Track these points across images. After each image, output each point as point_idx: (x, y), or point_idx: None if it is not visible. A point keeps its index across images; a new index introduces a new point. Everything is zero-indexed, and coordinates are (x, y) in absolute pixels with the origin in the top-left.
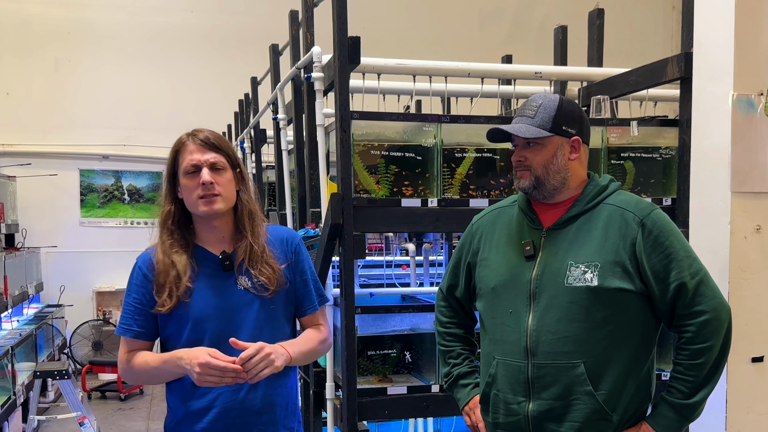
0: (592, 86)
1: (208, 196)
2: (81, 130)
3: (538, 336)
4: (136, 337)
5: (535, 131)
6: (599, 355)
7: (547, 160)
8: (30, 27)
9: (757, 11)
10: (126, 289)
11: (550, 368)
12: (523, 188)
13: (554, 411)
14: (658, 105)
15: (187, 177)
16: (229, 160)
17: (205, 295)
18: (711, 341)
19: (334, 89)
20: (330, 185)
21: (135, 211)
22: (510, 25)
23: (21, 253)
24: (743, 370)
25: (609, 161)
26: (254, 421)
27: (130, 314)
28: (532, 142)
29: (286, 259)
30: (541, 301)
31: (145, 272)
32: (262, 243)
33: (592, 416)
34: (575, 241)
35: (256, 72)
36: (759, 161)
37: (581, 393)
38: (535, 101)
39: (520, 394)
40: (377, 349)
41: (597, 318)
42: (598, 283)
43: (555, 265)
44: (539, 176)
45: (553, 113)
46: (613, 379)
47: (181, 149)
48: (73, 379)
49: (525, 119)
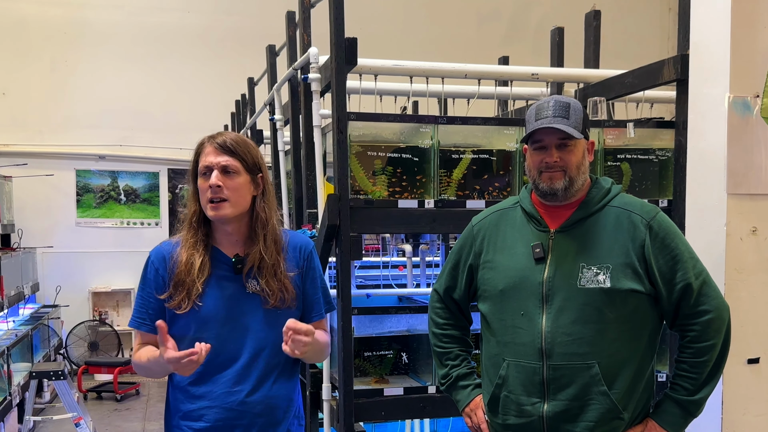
0: (589, 88)
1: (215, 200)
2: (77, 130)
3: (553, 338)
4: (149, 330)
5: (577, 133)
6: (612, 355)
7: (579, 161)
8: (26, 27)
9: (753, 13)
10: (139, 282)
11: (566, 369)
12: (557, 189)
13: (570, 411)
14: (655, 107)
15: (201, 178)
16: (245, 164)
17: (215, 296)
18: (714, 340)
19: (331, 90)
20: (327, 186)
21: (131, 211)
22: (507, 26)
23: (17, 253)
24: (739, 371)
25: (605, 163)
26: (254, 422)
27: (144, 308)
28: (569, 144)
29: (297, 267)
30: (554, 303)
31: (158, 267)
32: (273, 255)
33: (606, 415)
34: (585, 244)
35: (253, 73)
36: (755, 163)
37: (596, 393)
38: (559, 102)
39: (535, 395)
40: (374, 350)
41: (610, 319)
42: (611, 284)
43: (566, 267)
44: (573, 177)
45: (581, 115)
46: (626, 379)
47: (200, 151)
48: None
49: (561, 120)
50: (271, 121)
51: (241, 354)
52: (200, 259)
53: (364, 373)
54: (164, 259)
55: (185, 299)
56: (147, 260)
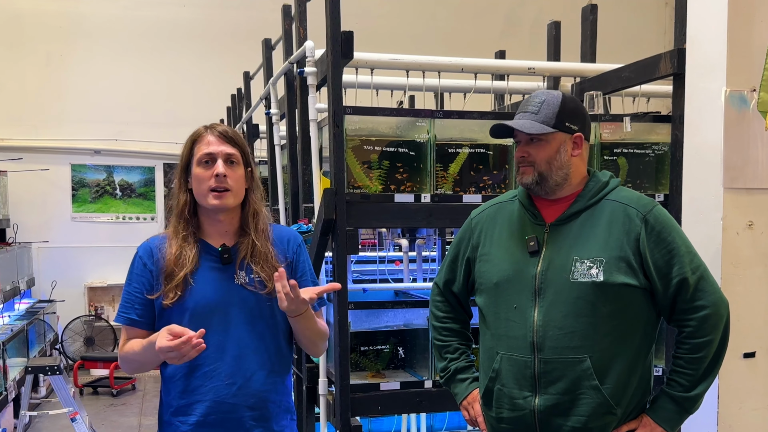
0: (585, 82)
1: (219, 189)
2: (73, 124)
3: (544, 331)
4: (135, 325)
5: (539, 127)
6: (605, 349)
7: (551, 156)
8: (22, 21)
9: (749, 7)
10: (126, 277)
11: (557, 363)
12: (526, 184)
13: (561, 405)
14: (651, 101)
15: (201, 166)
16: (244, 157)
17: (203, 288)
18: (711, 335)
19: (327, 84)
20: (323, 180)
21: (127, 206)
22: (503, 20)
23: (12, 248)
24: (735, 365)
25: (602, 157)
26: (246, 416)
27: (129, 303)
28: (536, 138)
29: (286, 259)
30: (546, 297)
31: (146, 261)
32: (265, 243)
33: (598, 410)
34: (579, 237)
35: (248, 66)
36: (751, 157)
37: (587, 387)
38: (537, 97)
39: (526, 389)
40: (370, 345)
41: (603, 313)
42: (604, 278)
43: (560, 260)
44: (542, 172)
45: (556, 109)
46: (618, 374)
47: (198, 139)
48: (64, 375)
49: (528, 115)
50: (267, 115)
51: (232, 347)
52: (192, 251)
53: (361, 367)
54: (152, 254)
55: (173, 290)
56: (135, 255)
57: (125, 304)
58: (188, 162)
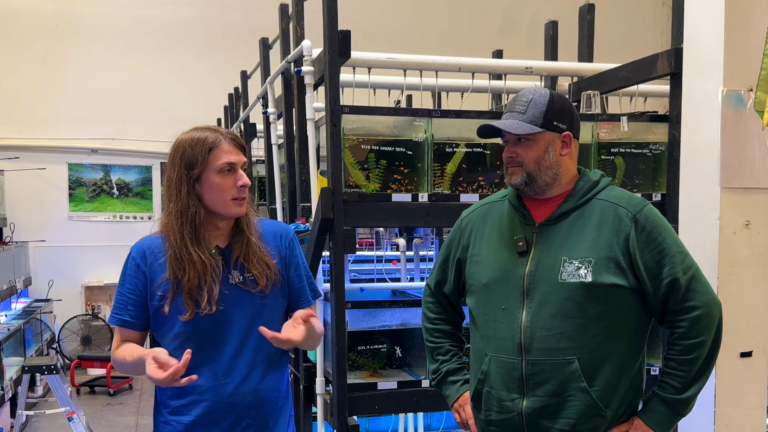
0: (583, 81)
1: (241, 199)
2: (69, 123)
3: (532, 332)
4: (128, 326)
5: (527, 127)
6: (593, 351)
7: (539, 156)
8: (18, 20)
9: (746, 7)
10: (119, 278)
11: (545, 365)
12: (515, 184)
13: (549, 408)
14: (648, 100)
15: (221, 175)
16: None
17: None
18: (703, 337)
19: (324, 83)
20: (320, 180)
21: (124, 205)
22: (501, 20)
23: (9, 247)
24: (732, 365)
25: (599, 157)
26: (243, 414)
27: (122, 304)
28: (524, 138)
29: (279, 254)
30: (534, 298)
31: (139, 263)
32: (257, 239)
33: (587, 412)
34: (569, 237)
35: (245, 66)
36: (748, 157)
37: (576, 389)
38: (525, 96)
39: (514, 391)
40: (367, 344)
41: (591, 314)
42: (592, 279)
43: (548, 261)
44: (531, 172)
45: (544, 108)
46: (607, 376)
47: (214, 148)
48: (61, 374)
49: (516, 115)
50: (264, 114)
51: (227, 346)
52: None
53: (358, 367)
54: (145, 255)
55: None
56: (128, 256)
57: (118, 306)
58: (201, 171)
